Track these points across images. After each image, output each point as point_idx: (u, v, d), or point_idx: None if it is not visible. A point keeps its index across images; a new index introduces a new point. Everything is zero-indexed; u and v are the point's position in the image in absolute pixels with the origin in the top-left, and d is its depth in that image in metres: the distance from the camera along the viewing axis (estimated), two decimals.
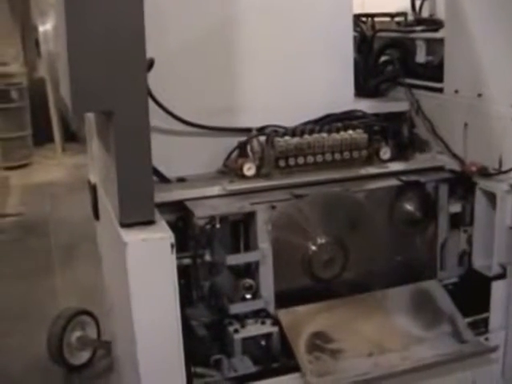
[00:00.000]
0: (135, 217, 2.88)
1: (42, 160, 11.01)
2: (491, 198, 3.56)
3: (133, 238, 2.78)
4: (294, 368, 3.23)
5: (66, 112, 9.61)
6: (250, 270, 3.38)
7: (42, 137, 11.17)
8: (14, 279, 6.69)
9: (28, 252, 7.41)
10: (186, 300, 3.28)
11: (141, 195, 2.87)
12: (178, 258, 2.94)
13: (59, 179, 9.88)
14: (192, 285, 3.37)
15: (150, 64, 3.20)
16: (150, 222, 2.90)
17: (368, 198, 3.59)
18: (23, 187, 9.53)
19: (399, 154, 3.90)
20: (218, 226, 3.23)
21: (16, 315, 6.08)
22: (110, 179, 3.04)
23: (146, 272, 2.78)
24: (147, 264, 2.78)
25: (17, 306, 6.25)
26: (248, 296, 3.37)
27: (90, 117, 3.85)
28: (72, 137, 11.51)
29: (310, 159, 3.56)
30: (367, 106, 4.00)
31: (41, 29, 5.75)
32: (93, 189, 3.98)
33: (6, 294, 6.43)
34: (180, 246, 3.03)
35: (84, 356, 5.41)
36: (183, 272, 3.20)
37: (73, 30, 2.65)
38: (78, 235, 7.38)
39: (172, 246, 2.79)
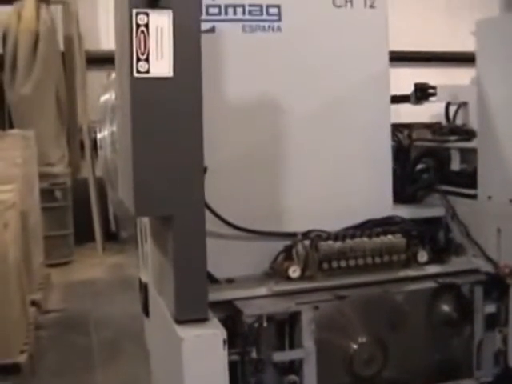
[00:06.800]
0: (190, 314, 3.09)
1: (83, 258, 11.15)
2: None
3: (188, 333, 2.97)
4: None
5: (118, 213, 9.77)
6: (294, 366, 3.53)
7: (84, 236, 11.34)
8: (54, 377, 6.73)
9: (68, 349, 7.47)
10: None
11: (196, 294, 3.09)
12: (228, 355, 3.09)
13: (100, 278, 10.01)
14: (238, 381, 3.48)
15: (204, 171, 3.44)
16: (203, 320, 3.10)
17: (406, 299, 3.75)
18: (65, 284, 9.65)
19: (436, 257, 4.05)
20: (265, 324, 3.40)
21: None
22: (166, 279, 3.24)
23: (199, 366, 2.97)
24: (201, 359, 2.96)
25: None
26: None
27: (144, 219, 4.07)
28: (112, 237, 11.75)
29: (352, 262, 3.75)
30: (405, 211, 4.20)
31: (98, 136, 6.27)
32: (144, 287, 4.15)
33: None
34: (228, 344, 3.17)
35: None
36: (230, 368, 3.34)
37: (138, 144, 2.94)
38: (119, 333, 7.46)
39: (224, 341, 2.99)
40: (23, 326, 6.29)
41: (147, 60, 2.94)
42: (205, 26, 3.57)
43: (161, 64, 2.96)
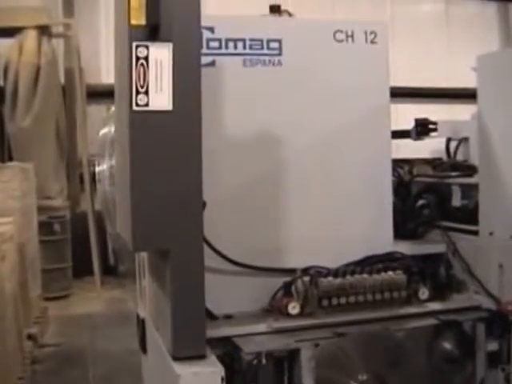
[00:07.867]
0: (187, 351, 3.04)
1: (80, 292, 11.13)
2: None
3: (185, 370, 2.92)
4: None
5: (117, 247, 9.76)
6: None
7: (82, 269, 11.31)
8: None
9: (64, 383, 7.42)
10: None
11: (193, 331, 3.04)
12: None
13: (98, 312, 9.97)
14: None
15: (202, 206, 3.42)
16: (201, 356, 3.04)
17: (407, 336, 3.70)
18: (62, 318, 9.60)
19: (437, 294, 4.01)
20: (264, 361, 3.34)
21: None
22: (163, 315, 3.20)
23: None
24: None
25: None
26: None
27: (142, 254, 4.04)
28: (111, 271, 11.76)
29: (352, 299, 3.71)
30: (406, 247, 4.16)
31: (97, 169, 6.32)
32: (141, 323, 4.11)
33: None
34: (226, 381, 3.14)
35: None
36: None
37: (137, 178, 2.92)
38: (116, 368, 7.41)
39: (222, 379, 2.93)
40: (19, 359, 6.23)
41: (146, 93, 2.93)
42: (205, 59, 3.57)
43: (160, 97, 2.94)
